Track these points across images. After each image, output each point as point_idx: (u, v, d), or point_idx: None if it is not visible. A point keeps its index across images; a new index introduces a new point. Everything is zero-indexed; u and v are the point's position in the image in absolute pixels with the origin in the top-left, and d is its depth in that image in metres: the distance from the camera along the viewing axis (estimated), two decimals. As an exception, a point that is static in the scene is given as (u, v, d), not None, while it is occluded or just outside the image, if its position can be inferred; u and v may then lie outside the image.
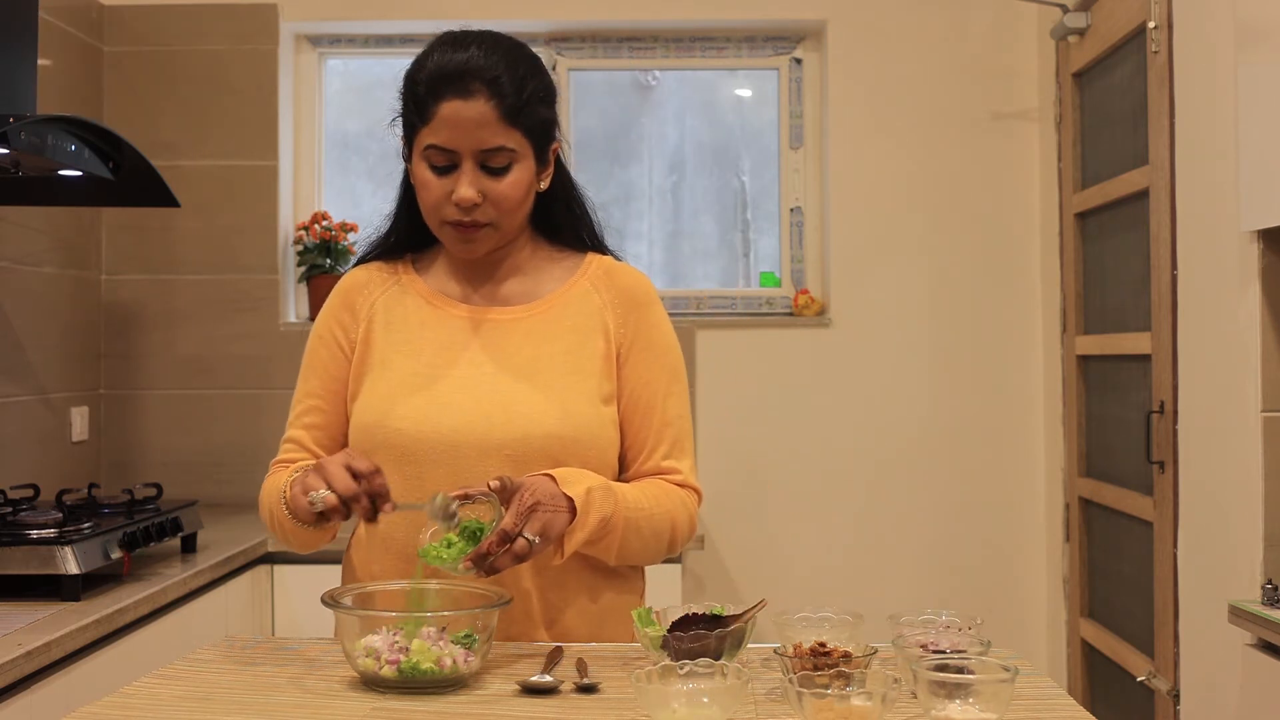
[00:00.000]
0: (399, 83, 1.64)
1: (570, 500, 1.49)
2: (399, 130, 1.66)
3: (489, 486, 1.44)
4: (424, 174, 1.60)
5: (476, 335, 1.66)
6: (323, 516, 1.46)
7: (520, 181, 1.61)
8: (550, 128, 1.65)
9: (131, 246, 3.52)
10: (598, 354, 1.65)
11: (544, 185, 1.67)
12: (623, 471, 1.68)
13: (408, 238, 1.73)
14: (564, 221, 1.74)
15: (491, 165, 1.58)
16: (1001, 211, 3.54)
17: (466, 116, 1.56)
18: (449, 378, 1.62)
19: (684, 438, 1.68)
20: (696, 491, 1.69)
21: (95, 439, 3.45)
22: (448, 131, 1.57)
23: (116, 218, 3.50)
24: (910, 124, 3.54)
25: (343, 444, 1.68)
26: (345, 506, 1.45)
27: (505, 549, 1.42)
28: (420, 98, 1.59)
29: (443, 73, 1.57)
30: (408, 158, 1.66)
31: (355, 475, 1.45)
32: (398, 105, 1.65)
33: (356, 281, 1.73)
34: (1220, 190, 2.30)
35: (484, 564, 1.42)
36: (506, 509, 1.44)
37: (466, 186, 1.57)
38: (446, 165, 1.58)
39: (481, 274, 1.70)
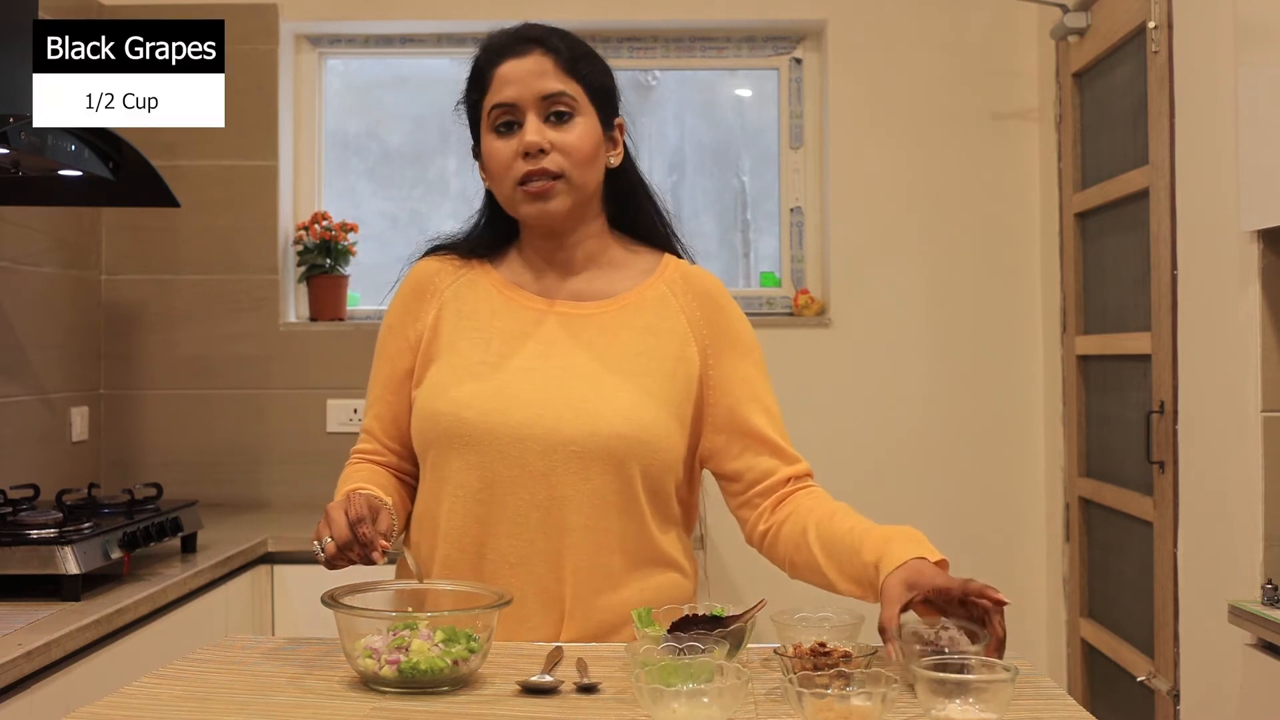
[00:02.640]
0: (459, 85, 1.69)
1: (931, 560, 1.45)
2: (470, 140, 1.69)
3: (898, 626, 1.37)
4: (491, 142, 1.62)
5: (548, 328, 1.65)
6: (330, 563, 1.48)
7: (587, 134, 1.61)
8: (611, 96, 1.67)
9: (131, 246, 3.52)
10: (670, 356, 1.64)
11: (614, 161, 1.67)
12: (742, 474, 1.67)
13: (487, 244, 1.73)
14: (637, 212, 1.73)
15: (555, 111, 1.60)
16: (1001, 211, 3.54)
17: (524, 69, 1.60)
18: (517, 369, 1.61)
19: (784, 426, 1.73)
20: (809, 472, 1.71)
21: (95, 439, 3.45)
22: (506, 89, 1.60)
23: (116, 218, 3.50)
24: (910, 124, 3.54)
25: (408, 432, 1.67)
26: (343, 554, 1.47)
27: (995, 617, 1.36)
28: (479, 70, 1.64)
29: (497, 44, 1.64)
30: (479, 150, 1.67)
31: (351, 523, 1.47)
32: (460, 112, 1.69)
33: (427, 270, 1.72)
34: (1220, 190, 2.30)
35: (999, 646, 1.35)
36: (959, 600, 1.39)
37: (532, 133, 1.59)
38: (510, 122, 1.61)
39: (557, 266, 1.69)
